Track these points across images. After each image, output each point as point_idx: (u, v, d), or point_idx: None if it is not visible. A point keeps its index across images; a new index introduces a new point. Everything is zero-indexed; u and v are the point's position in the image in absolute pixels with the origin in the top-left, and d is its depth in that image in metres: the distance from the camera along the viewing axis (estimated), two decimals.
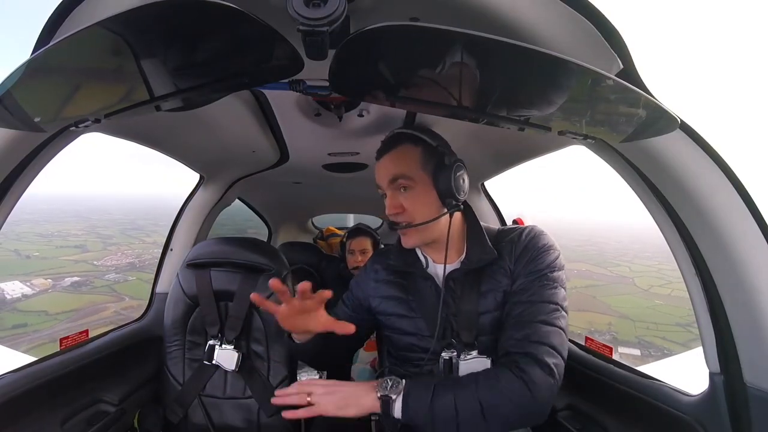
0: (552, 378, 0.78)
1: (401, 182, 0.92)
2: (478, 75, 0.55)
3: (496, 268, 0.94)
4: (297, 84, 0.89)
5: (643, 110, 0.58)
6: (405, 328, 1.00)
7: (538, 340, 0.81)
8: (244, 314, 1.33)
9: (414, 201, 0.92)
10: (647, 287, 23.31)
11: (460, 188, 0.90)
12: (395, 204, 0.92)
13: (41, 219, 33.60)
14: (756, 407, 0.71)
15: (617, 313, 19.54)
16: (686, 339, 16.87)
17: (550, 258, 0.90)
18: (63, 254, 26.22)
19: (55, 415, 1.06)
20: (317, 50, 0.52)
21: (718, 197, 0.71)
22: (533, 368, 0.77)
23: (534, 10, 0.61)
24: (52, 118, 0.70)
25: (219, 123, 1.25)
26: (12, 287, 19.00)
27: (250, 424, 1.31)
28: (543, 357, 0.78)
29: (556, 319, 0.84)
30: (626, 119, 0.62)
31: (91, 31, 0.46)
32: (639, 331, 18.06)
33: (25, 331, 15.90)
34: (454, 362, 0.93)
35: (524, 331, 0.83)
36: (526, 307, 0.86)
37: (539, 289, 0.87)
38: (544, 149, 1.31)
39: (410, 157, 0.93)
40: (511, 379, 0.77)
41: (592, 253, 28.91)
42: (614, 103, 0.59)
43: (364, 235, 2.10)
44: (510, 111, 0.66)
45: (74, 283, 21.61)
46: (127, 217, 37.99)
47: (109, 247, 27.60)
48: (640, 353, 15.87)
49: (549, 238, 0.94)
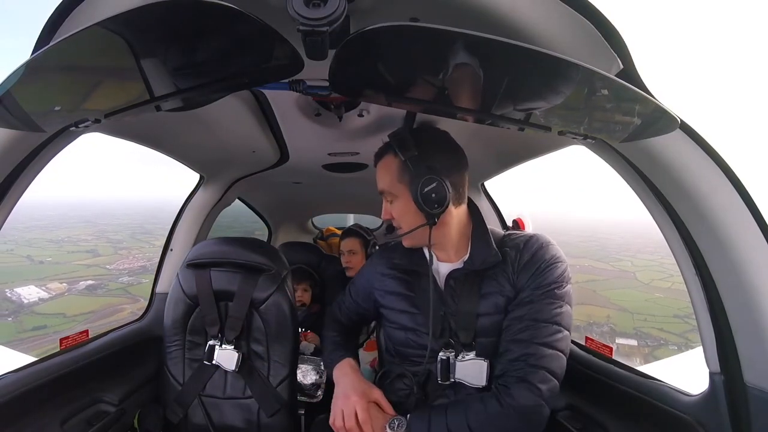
0: (542, 400, 0.81)
1: (386, 196, 0.99)
2: (478, 75, 0.55)
3: (498, 272, 0.94)
4: (297, 84, 0.89)
5: (643, 110, 0.58)
6: (404, 323, 1.01)
7: (536, 364, 0.83)
8: (244, 314, 1.33)
9: (398, 211, 0.97)
10: (648, 281, 23.54)
11: (430, 201, 0.88)
12: (386, 212, 1.00)
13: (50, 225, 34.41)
14: (756, 407, 0.71)
15: (616, 306, 19.77)
16: (683, 330, 17.09)
17: (557, 272, 0.89)
18: (75, 259, 26.98)
19: (55, 415, 1.06)
20: (317, 50, 0.52)
21: (718, 197, 0.71)
22: (525, 394, 0.81)
23: (534, 10, 0.61)
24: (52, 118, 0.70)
25: (219, 123, 1.25)
26: (28, 291, 19.58)
27: (250, 424, 1.31)
28: (537, 383, 0.81)
29: (557, 342, 0.85)
30: (626, 119, 0.62)
31: (91, 31, 0.46)
32: (637, 323, 18.27)
33: (45, 333, 16.41)
34: (451, 362, 0.93)
35: (524, 351, 0.85)
36: (528, 325, 0.86)
37: (545, 307, 0.87)
38: (544, 149, 1.31)
39: (390, 170, 0.96)
40: (499, 409, 0.82)
41: (595, 248, 29.14)
42: (614, 103, 0.59)
43: (353, 236, 2.14)
44: (510, 111, 0.66)
45: (89, 286, 22.28)
46: (134, 221, 38.89)
47: (120, 251, 28.38)
48: (636, 343, 16.11)
49: (556, 249, 0.93)
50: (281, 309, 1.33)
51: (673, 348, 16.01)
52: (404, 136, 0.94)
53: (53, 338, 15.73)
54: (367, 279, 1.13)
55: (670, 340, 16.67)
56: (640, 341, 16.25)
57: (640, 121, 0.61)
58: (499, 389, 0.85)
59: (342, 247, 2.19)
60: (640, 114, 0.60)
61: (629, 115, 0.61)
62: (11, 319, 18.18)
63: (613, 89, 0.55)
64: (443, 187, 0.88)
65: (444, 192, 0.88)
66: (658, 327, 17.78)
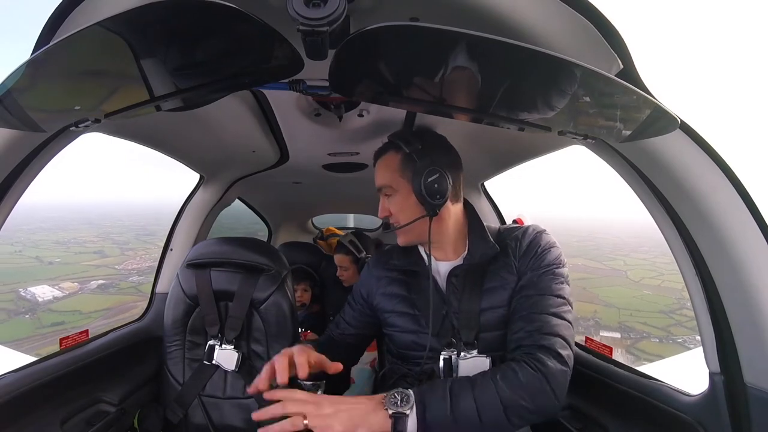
0: (567, 368, 0.80)
1: (384, 191, 1.00)
2: (478, 75, 0.55)
3: (500, 265, 0.95)
4: (297, 84, 0.89)
5: (643, 110, 0.58)
6: (406, 326, 1.01)
7: (551, 332, 0.82)
8: (244, 314, 1.33)
9: (396, 206, 0.98)
10: (639, 279, 24.46)
11: (433, 192, 0.90)
12: (383, 208, 1.00)
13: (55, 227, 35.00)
14: (756, 407, 0.71)
15: (603, 302, 20.59)
16: (666, 324, 18.04)
17: (554, 254, 0.93)
18: (83, 260, 28.05)
19: (55, 415, 1.06)
20: (317, 50, 0.52)
21: (718, 197, 0.71)
22: (550, 360, 0.79)
23: (534, 10, 0.61)
24: (53, 118, 0.70)
25: (219, 123, 1.25)
26: (42, 290, 20.58)
27: (250, 424, 1.30)
28: (558, 348, 0.80)
29: (565, 313, 0.86)
30: (626, 119, 0.62)
31: (91, 31, 0.46)
32: (622, 317, 19.09)
33: (64, 328, 17.20)
34: (453, 361, 0.93)
35: (536, 324, 0.84)
36: (537, 300, 0.87)
37: (548, 283, 0.89)
38: (544, 149, 1.31)
39: (391, 166, 0.97)
40: (531, 373, 0.77)
41: (590, 248, 29.92)
42: (614, 103, 0.59)
43: (342, 253, 2.12)
44: (510, 111, 0.66)
45: (100, 285, 23.52)
46: (137, 222, 39.59)
47: (127, 252, 29.50)
48: (620, 336, 16.86)
49: (551, 237, 0.97)
50: (281, 309, 1.33)
51: (654, 341, 16.87)
52: (408, 132, 0.98)
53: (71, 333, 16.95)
54: (365, 286, 1.11)
55: (653, 334, 17.54)
56: (623, 334, 17.08)
57: (640, 121, 0.61)
58: (525, 357, 0.80)
59: (336, 261, 2.18)
60: (640, 114, 0.60)
61: (629, 115, 0.61)
62: (28, 316, 19.25)
63: (613, 89, 0.55)
64: (445, 179, 0.90)
65: (445, 184, 0.90)
66: (642, 321, 18.68)
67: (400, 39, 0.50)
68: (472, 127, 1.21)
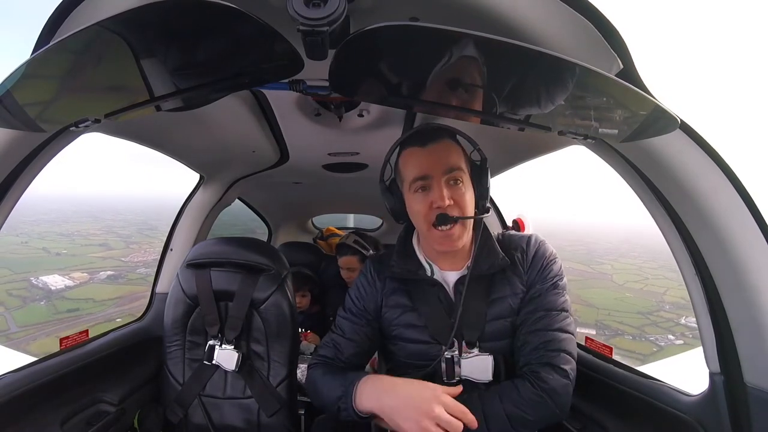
0: (568, 380, 0.86)
1: (456, 174, 0.89)
2: (478, 75, 0.55)
3: (509, 275, 0.96)
4: (297, 84, 0.89)
5: (643, 110, 0.59)
6: (412, 337, 0.98)
7: (556, 348, 0.87)
8: (244, 314, 1.33)
9: (463, 196, 0.89)
10: (623, 282, 25.64)
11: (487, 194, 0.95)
12: (445, 196, 0.87)
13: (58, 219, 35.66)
14: (756, 407, 0.71)
15: (585, 303, 21.91)
16: (641, 324, 19.63)
17: (557, 266, 0.97)
18: (89, 252, 29.27)
19: (55, 415, 1.06)
20: (317, 50, 0.52)
21: (718, 197, 0.71)
22: (552, 376, 0.85)
23: (534, 10, 0.61)
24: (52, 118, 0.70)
25: (219, 123, 1.25)
26: (54, 280, 21.64)
27: (250, 424, 1.31)
28: (561, 365, 0.86)
29: (568, 326, 0.91)
30: (626, 119, 0.62)
31: (91, 31, 0.46)
32: (600, 316, 20.66)
33: (79, 314, 18.19)
34: (455, 360, 0.93)
35: (542, 339, 0.88)
36: (542, 316, 0.91)
37: (553, 297, 0.92)
38: (544, 149, 1.31)
39: (459, 153, 0.94)
40: (532, 390, 0.84)
41: (581, 252, 30.83)
42: (614, 103, 0.59)
43: (349, 254, 2.07)
44: (510, 111, 0.66)
45: (110, 276, 24.83)
46: (138, 217, 40.22)
47: (131, 245, 30.51)
48: (595, 332, 17.95)
49: (551, 247, 1.00)
50: (281, 309, 1.33)
51: (628, 338, 18.49)
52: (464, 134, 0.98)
53: (87, 319, 17.86)
54: (371, 299, 1.04)
55: (627, 332, 19.15)
56: (598, 331, 18.57)
57: (640, 121, 0.61)
58: (529, 375, 0.87)
59: (340, 263, 2.12)
60: (640, 114, 0.60)
61: (629, 115, 0.61)
62: (44, 303, 20.30)
63: (613, 89, 0.55)
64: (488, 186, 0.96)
65: (488, 192, 0.96)
66: (618, 321, 20.15)
67: (400, 39, 0.50)
68: (471, 127, 1.21)
